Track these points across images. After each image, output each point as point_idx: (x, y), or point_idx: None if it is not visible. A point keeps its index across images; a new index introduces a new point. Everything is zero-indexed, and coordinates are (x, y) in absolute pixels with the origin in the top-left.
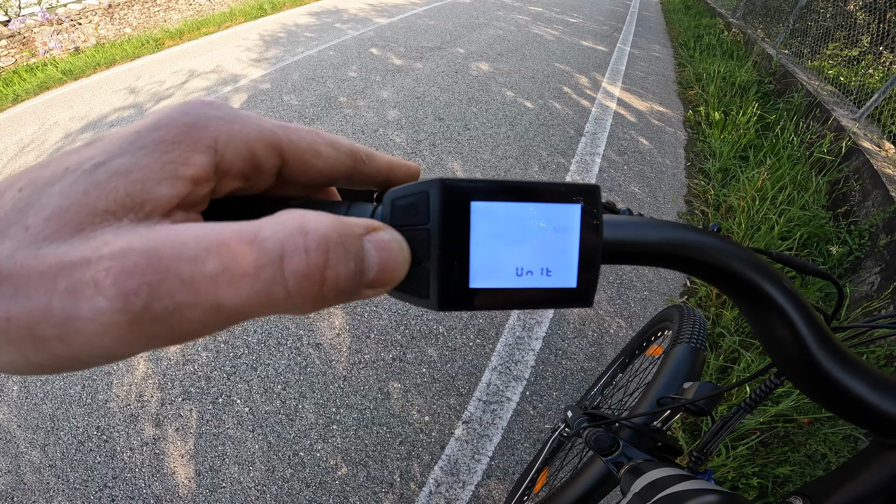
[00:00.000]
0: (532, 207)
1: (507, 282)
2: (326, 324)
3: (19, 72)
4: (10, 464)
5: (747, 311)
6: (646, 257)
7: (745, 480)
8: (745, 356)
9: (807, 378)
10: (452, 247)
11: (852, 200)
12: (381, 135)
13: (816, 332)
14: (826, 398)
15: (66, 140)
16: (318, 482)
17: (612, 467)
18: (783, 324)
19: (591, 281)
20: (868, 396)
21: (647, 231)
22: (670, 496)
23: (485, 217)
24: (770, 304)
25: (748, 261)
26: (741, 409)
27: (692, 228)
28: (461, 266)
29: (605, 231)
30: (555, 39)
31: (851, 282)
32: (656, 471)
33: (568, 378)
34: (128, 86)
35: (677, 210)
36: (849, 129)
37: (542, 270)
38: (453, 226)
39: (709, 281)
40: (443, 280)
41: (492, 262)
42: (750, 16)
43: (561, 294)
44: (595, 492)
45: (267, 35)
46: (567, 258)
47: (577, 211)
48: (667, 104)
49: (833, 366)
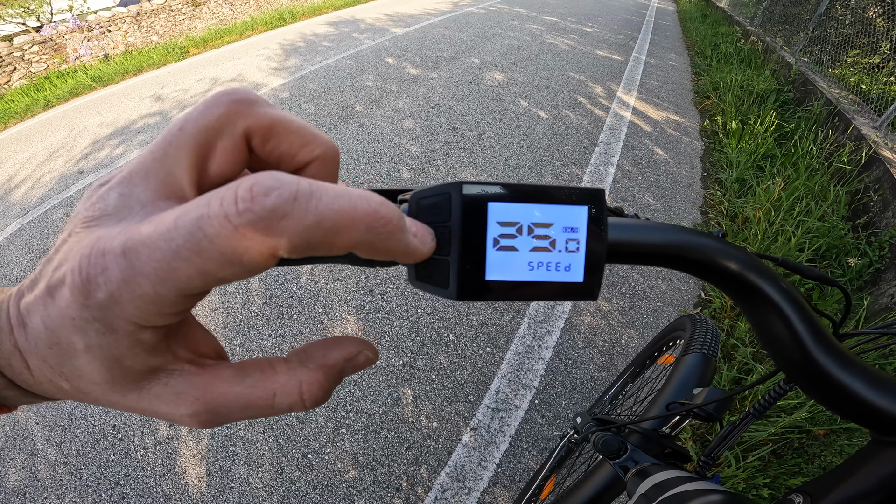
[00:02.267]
0: (543, 209)
1: (520, 275)
2: (339, 329)
3: (50, 77)
4: (26, 460)
5: (746, 310)
6: (648, 257)
7: (756, 491)
8: (758, 368)
9: (806, 376)
10: (471, 243)
11: (872, 211)
12: (396, 144)
13: (813, 331)
14: (825, 396)
15: (95, 146)
16: (326, 485)
17: (619, 471)
18: (781, 322)
19: (596, 277)
20: (865, 394)
21: (649, 233)
22: (675, 496)
23: (500, 216)
24: (768, 303)
25: (745, 261)
26: (750, 414)
27: (692, 231)
28: (478, 260)
29: (611, 232)
30: (570, 49)
31: (871, 294)
32: (662, 473)
33: (577, 387)
34: (154, 93)
35: (693, 221)
36: (869, 137)
37: (552, 266)
38: (472, 224)
39: (709, 280)
40: (462, 272)
41: (506, 258)
42: (768, 24)
43: (569, 288)
44: (603, 495)
45: (287, 44)
46: (574, 255)
47: (584, 212)
48: (683, 113)
49: (830, 364)
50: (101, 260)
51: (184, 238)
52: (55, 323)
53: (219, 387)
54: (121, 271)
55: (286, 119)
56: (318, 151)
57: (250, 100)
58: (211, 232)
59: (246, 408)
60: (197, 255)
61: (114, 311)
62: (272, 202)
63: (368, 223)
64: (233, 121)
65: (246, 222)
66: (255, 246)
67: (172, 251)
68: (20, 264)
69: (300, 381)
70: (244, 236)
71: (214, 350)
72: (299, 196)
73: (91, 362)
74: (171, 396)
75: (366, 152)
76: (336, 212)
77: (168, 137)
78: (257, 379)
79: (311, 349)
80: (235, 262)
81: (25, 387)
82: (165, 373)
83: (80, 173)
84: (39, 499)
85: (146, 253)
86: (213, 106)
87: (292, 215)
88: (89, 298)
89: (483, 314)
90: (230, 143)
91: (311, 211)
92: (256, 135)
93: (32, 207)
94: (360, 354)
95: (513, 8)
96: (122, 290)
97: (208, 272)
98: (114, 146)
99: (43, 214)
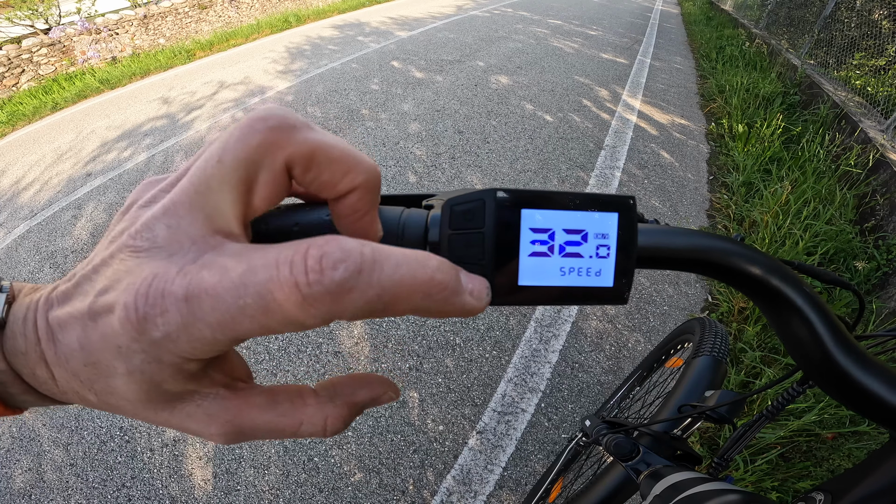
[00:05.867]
0: (575, 215)
1: (552, 280)
2: (346, 333)
3: (59, 80)
4: (33, 461)
5: (769, 312)
6: (675, 262)
7: (764, 494)
8: (766, 372)
9: (826, 376)
10: (504, 248)
11: (879, 214)
12: (401, 147)
13: (833, 332)
14: (845, 396)
15: (103, 149)
16: (331, 488)
17: (631, 473)
18: (802, 324)
19: (626, 281)
20: (884, 394)
21: (677, 238)
22: (691, 496)
23: (533, 223)
24: (790, 306)
25: (769, 266)
26: (763, 416)
27: (717, 237)
28: (512, 265)
29: (640, 238)
30: (574, 52)
31: (879, 297)
32: (677, 474)
33: (584, 391)
34: (161, 96)
35: (699, 224)
36: (876, 140)
37: (583, 271)
38: (506, 230)
39: (733, 284)
40: (495, 278)
41: (538, 263)
42: (773, 26)
43: (599, 292)
44: (614, 497)
45: (292, 47)
46: (605, 261)
47: (615, 219)
48: (689, 117)
49: (850, 364)
50: (161, 301)
51: (252, 298)
52: (96, 346)
53: (250, 413)
54: (182, 316)
55: (327, 146)
56: (360, 179)
57: (288, 125)
58: (280, 297)
59: (272, 432)
60: (263, 315)
61: (166, 347)
62: (340, 276)
63: (426, 291)
64: (272, 151)
65: (315, 294)
66: (320, 314)
67: (238, 308)
68: (28, 266)
69: (326, 416)
70: (311, 305)
71: (245, 373)
72: (363, 269)
73: (129, 384)
74: (202, 417)
75: (371, 156)
76: (396, 283)
77: (208, 170)
78: (287, 409)
79: (340, 386)
80: (298, 325)
81: (47, 394)
82: (200, 395)
83: (88, 176)
84: (46, 500)
85: (210, 304)
86: (250, 134)
87: (357, 289)
88: (143, 335)
89: (489, 318)
90: (271, 177)
91: (374, 284)
92: (297, 165)
93: (41, 209)
94: (385, 395)
95: (517, 11)
96: (179, 332)
97: (269, 328)
98: (121, 149)
99: (51, 217)
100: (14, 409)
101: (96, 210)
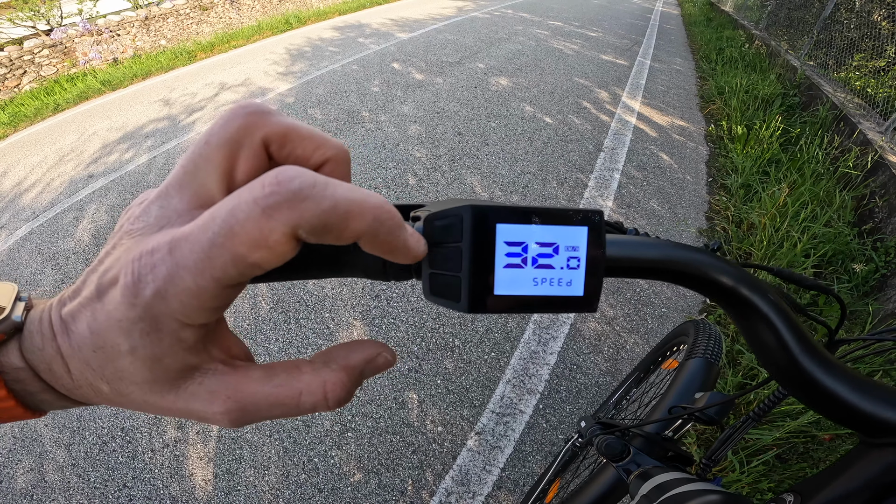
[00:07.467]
0: (547, 229)
1: (526, 290)
2: (345, 334)
3: (60, 81)
4: (34, 462)
5: (738, 320)
6: (647, 272)
7: (760, 496)
8: (762, 373)
9: (795, 382)
10: (481, 260)
11: (878, 216)
12: (402, 149)
13: (799, 339)
14: (813, 400)
15: (104, 150)
16: (331, 488)
17: (622, 473)
18: (769, 331)
19: (595, 290)
20: (850, 398)
21: (648, 250)
22: (675, 496)
23: (507, 236)
24: (757, 314)
25: (737, 276)
26: (749, 418)
27: (685, 247)
28: (488, 276)
29: (609, 249)
30: (574, 54)
31: (877, 300)
32: (664, 475)
33: (582, 392)
34: (162, 97)
35: (698, 227)
36: (875, 142)
37: (555, 281)
38: (482, 243)
39: (704, 293)
40: (472, 288)
41: (513, 274)
42: (773, 27)
43: (570, 301)
44: (606, 498)
45: (293, 49)
46: (575, 272)
47: (584, 232)
48: (688, 118)
49: (816, 370)
50: (150, 258)
51: (219, 226)
52: (101, 326)
53: (249, 386)
54: (167, 267)
55: (298, 125)
56: (330, 153)
57: (264, 111)
58: (241, 216)
59: (273, 406)
60: (230, 240)
61: (159, 308)
62: (295, 185)
63: (376, 214)
64: (251, 131)
65: (272, 203)
66: (280, 226)
67: (209, 240)
68: (30, 268)
69: (324, 381)
70: (270, 216)
71: (244, 353)
72: (317, 183)
73: (134, 363)
74: (205, 394)
75: (371, 158)
76: (349, 200)
77: (196, 151)
78: (284, 379)
79: (334, 352)
80: (263, 244)
81: (63, 391)
82: (201, 372)
83: (90, 177)
84: (47, 500)
85: (187, 246)
86: (231, 119)
87: (312, 198)
88: (137, 297)
89: (488, 320)
90: (251, 152)
91: (328, 196)
92: (273, 142)
93: (43, 211)
94: (380, 356)
95: (517, 13)
96: (167, 284)
97: (240, 256)
98: (123, 150)
99: (53, 218)
100: (35, 411)
101: (98, 212)
